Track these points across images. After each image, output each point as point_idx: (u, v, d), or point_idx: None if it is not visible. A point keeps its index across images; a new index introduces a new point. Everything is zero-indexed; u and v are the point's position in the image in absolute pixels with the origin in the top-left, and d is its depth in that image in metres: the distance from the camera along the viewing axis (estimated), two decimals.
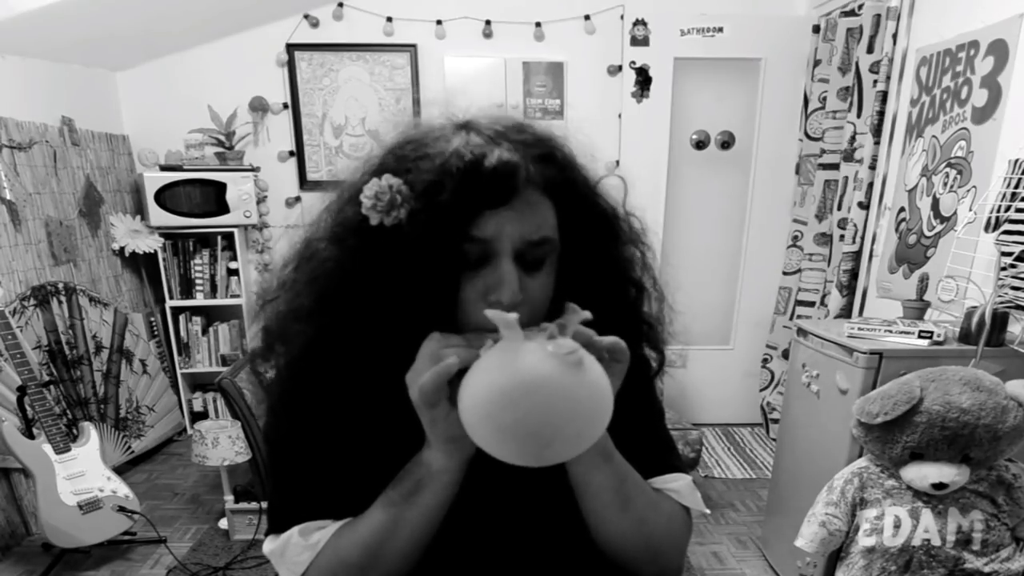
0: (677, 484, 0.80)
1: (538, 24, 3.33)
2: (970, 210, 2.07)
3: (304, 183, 3.49)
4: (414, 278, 0.63)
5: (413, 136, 0.67)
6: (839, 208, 2.97)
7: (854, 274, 2.83)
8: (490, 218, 0.62)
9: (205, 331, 3.46)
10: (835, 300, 2.87)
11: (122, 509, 2.35)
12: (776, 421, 3.29)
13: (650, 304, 0.79)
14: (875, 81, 2.70)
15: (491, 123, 0.67)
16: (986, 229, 1.95)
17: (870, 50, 2.75)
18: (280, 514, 0.73)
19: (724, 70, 3.37)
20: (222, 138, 3.27)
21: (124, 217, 3.27)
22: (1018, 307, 1.81)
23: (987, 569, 1.51)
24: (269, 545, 0.73)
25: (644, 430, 0.81)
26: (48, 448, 2.24)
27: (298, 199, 3.51)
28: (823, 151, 3.08)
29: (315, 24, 3.31)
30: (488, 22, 3.32)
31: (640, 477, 0.75)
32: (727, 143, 3.46)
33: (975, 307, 1.81)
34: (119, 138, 3.36)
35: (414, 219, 0.62)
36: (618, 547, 0.75)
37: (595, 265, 0.72)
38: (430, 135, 0.66)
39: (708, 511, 0.83)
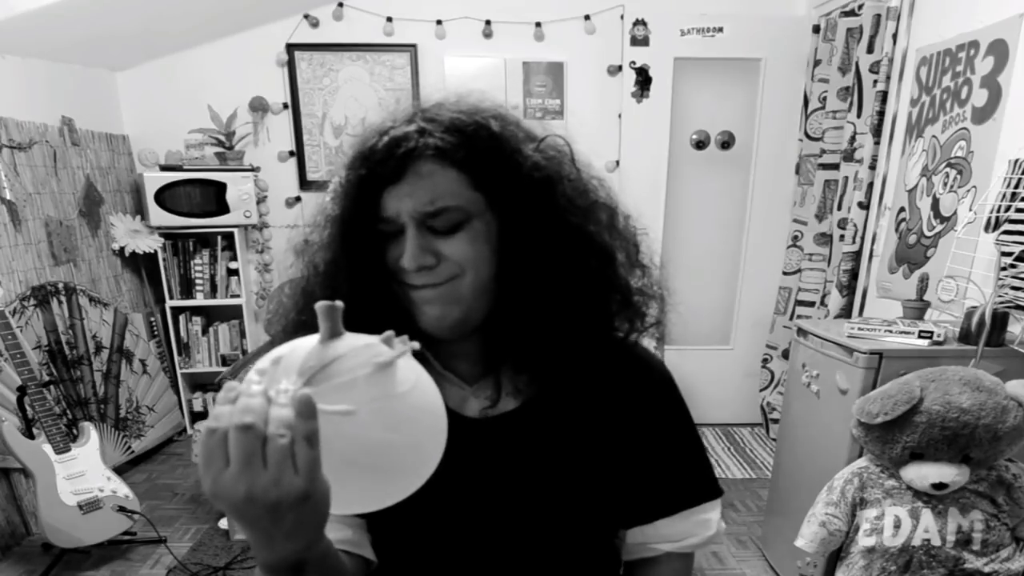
0: (710, 514, 0.79)
1: (538, 24, 3.33)
2: (970, 210, 2.07)
3: (304, 183, 3.49)
4: (353, 256, 0.70)
5: (368, 128, 0.71)
6: (839, 208, 2.97)
7: (854, 274, 2.83)
8: (389, 195, 0.67)
9: (205, 331, 3.46)
10: (835, 300, 2.86)
11: (122, 509, 2.35)
12: (776, 421, 3.29)
13: (627, 270, 0.75)
14: (875, 81, 2.70)
15: (429, 106, 0.70)
16: (986, 229, 1.95)
17: (870, 50, 2.75)
18: None
19: (724, 70, 3.37)
20: (222, 138, 3.26)
21: (124, 217, 3.27)
22: (1018, 307, 1.81)
23: (987, 569, 1.51)
24: None
25: (669, 456, 0.78)
26: (48, 448, 2.24)
27: (298, 199, 3.50)
28: (823, 151, 3.08)
29: (315, 24, 3.31)
30: (488, 22, 3.32)
31: None
32: (727, 143, 3.46)
33: (975, 307, 1.81)
34: (119, 138, 3.36)
35: (340, 205, 0.71)
36: None
37: (542, 232, 0.69)
38: (371, 128, 0.70)
39: (724, 525, 0.81)
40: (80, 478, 2.28)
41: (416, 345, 0.52)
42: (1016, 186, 1.86)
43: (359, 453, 0.47)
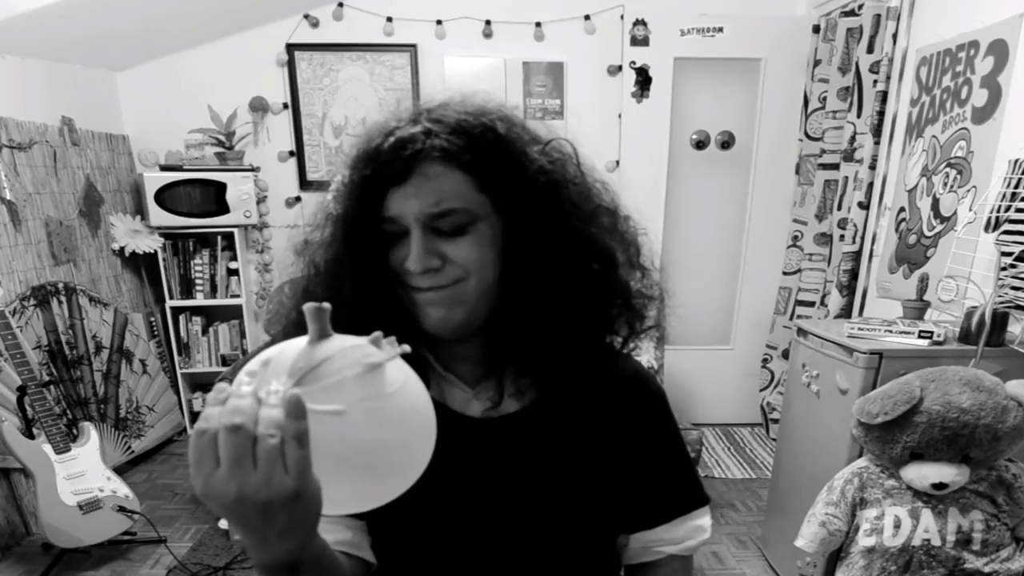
0: (703, 520, 0.82)
1: (538, 24, 3.33)
2: (970, 210, 2.07)
3: (304, 183, 3.49)
4: (356, 256, 0.69)
5: (372, 127, 0.70)
6: (839, 208, 2.97)
7: (854, 274, 2.83)
8: (394, 196, 0.66)
9: (205, 331, 3.46)
10: (835, 300, 2.86)
11: (122, 509, 2.35)
12: (776, 421, 3.29)
13: (627, 272, 0.74)
14: (875, 81, 2.70)
15: (434, 106, 0.69)
16: (986, 229, 1.95)
17: (870, 50, 2.75)
18: None
19: (724, 70, 3.37)
20: (222, 138, 3.26)
21: (124, 217, 3.27)
22: (1018, 307, 1.81)
23: (987, 569, 1.51)
24: None
25: (666, 466, 0.81)
26: (48, 448, 2.24)
27: (298, 199, 3.50)
28: (823, 151, 3.08)
29: (315, 24, 3.31)
30: (488, 22, 3.32)
31: None
32: (727, 143, 3.46)
33: (975, 307, 1.81)
34: (119, 138, 3.36)
35: (343, 204, 0.70)
36: None
37: (547, 236, 0.68)
38: (375, 127, 0.69)
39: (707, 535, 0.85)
40: (80, 478, 2.28)
41: (407, 348, 0.52)
42: (1016, 186, 1.86)
43: (349, 453, 0.47)
